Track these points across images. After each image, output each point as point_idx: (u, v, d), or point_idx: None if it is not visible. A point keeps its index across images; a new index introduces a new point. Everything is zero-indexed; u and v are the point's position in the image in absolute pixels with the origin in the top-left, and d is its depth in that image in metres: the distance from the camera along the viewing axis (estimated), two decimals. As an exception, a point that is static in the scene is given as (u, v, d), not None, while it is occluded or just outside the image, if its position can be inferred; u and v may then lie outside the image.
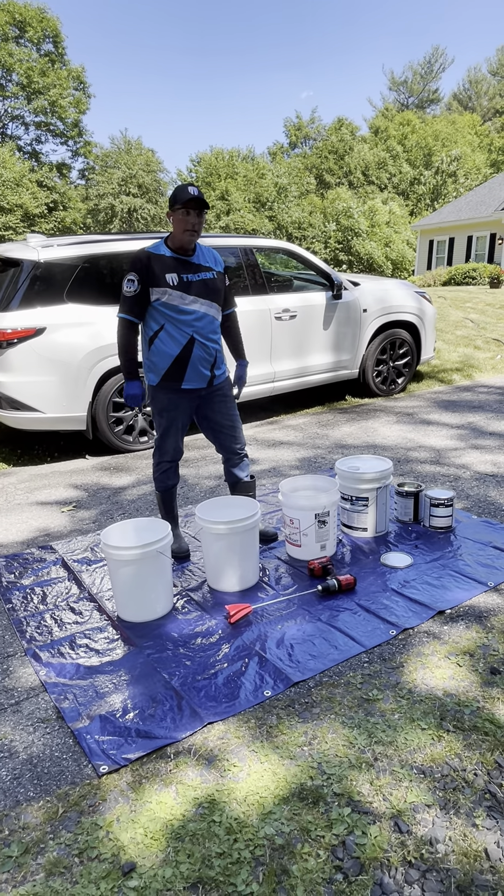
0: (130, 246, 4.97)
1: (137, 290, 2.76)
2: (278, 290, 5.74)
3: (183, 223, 2.70)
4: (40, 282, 4.62)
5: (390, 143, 42.93)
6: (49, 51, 35.16)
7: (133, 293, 2.77)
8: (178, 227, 2.73)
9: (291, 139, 50.13)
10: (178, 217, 2.69)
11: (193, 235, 2.74)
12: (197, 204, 2.67)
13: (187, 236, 2.73)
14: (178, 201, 2.67)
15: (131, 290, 2.77)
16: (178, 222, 2.71)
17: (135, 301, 2.78)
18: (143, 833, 1.62)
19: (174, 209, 2.70)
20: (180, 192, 2.68)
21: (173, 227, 2.75)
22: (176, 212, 2.69)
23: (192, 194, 2.65)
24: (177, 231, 2.74)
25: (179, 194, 2.68)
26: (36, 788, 1.79)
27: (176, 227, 2.73)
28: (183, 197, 2.66)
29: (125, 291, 2.79)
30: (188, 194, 2.66)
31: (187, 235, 2.73)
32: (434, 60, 50.74)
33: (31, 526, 3.72)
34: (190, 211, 2.67)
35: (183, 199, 2.65)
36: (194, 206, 2.67)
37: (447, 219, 26.79)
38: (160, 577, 2.60)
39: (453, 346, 8.81)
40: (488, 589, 2.71)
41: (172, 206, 2.70)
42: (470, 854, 1.52)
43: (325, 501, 2.96)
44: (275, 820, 1.63)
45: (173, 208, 2.70)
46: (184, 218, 2.69)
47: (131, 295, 2.78)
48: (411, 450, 4.73)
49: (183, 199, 2.65)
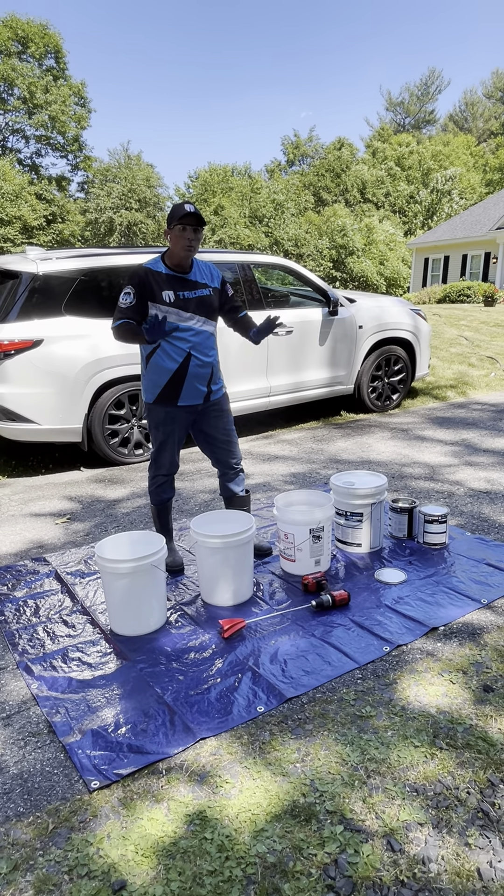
0: (129, 260, 5.01)
1: (134, 302, 2.78)
2: (275, 306, 5.78)
3: (180, 240, 2.73)
4: (38, 294, 4.65)
5: (388, 164, 43.46)
6: (51, 66, 35.57)
7: (129, 305, 2.78)
8: (175, 244, 2.75)
9: (289, 157, 50.72)
10: (176, 234, 2.72)
11: (190, 251, 2.76)
12: (194, 220, 2.70)
13: (184, 252, 2.76)
14: (176, 217, 2.70)
15: (127, 302, 2.79)
16: (176, 239, 2.74)
17: (131, 312, 2.79)
18: (134, 850, 1.60)
19: (171, 226, 2.72)
20: (178, 209, 2.71)
21: (171, 244, 2.78)
22: (173, 229, 2.72)
23: (189, 211, 2.69)
24: (174, 248, 2.77)
25: (177, 211, 2.71)
26: (26, 804, 1.77)
27: (173, 243, 2.76)
28: (180, 213, 2.69)
29: (121, 303, 2.80)
30: (185, 211, 2.69)
31: (184, 252, 2.75)
32: (430, 82, 51.59)
33: (25, 538, 3.71)
34: (187, 227, 2.70)
35: (180, 216, 2.68)
36: (192, 223, 2.70)
37: (442, 237, 27.08)
38: (154, 590, 2.60)
39: (448, 363, 8.87)
40: (482, 606, 2.71)
41: (170, 223, 2.73)
42: (462, 874, 1.51)
43: (319, 516, 2.96)
44: (267, 837, 1.62)
45: (170, 225, 2.73)
46: (181, 234, 2.71)
47: (127, 306, 2.79)
48: (406, 465, 4.75)
49: (180, 216, 2.68)
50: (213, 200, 37.89)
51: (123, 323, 2.80)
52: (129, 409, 5.03)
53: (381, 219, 37.95)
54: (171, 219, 2.73)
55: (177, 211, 2.71)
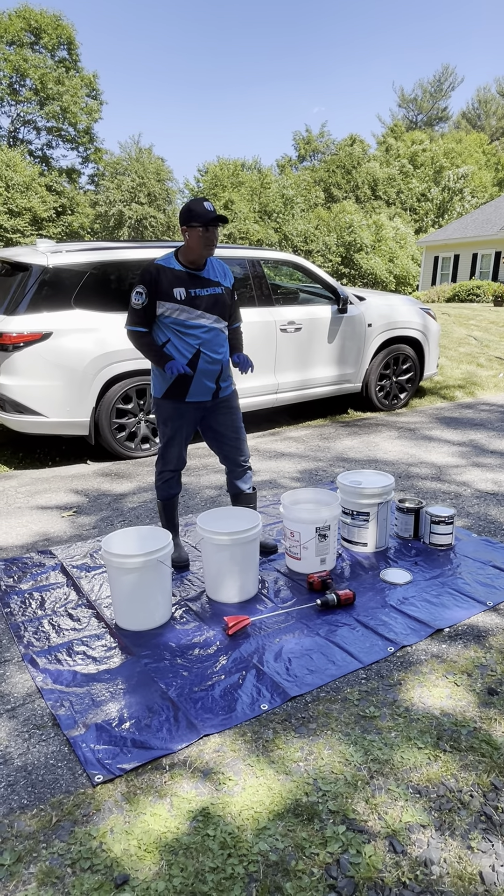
0: (139, 254, 5.00)
1: (145, 302, 2.77)
2: (284, 303, 5.76)
3: (202, 240, 2.71)
4: (48, 287, 4.65)
5: (401, 161, 43.20)
6: (63, 57, 35.49)
7: (141, 306, 2.78)
8: (195, 243, 2.73)
9: (300, 152, 50.49)
10: (197, 234, 2.69)
11: (211, 251, 2.76)
12: (219, 221, 2.68)
13: (206, 252, 2.75)
14: (199, 220, 2.66)
15: (139, 303, 2.78)
16: (196, 239, 2.71)
17: (143, 313, 2.80)
18: (137, 845, 1.61)
19: (191, 225, 2.69)
20: (199, 210, 2.67)
21: (189, 242, 2.74)
22: (195, 228, 2.69)
23: (213, 213, 2.67)
24: (194, 246, 2.74)
25: (198, 211, 2.67)
26: (30, 796, 1.78)
27: (193, 242, 2.73)
28: (205, 216, 2.66)
29: (133, 304, 2.80)
30: (210, 213, 2.66)
31: (206, 251, 2.75)
32: (444, 79, 51.23)
33: (31, 530, 3.72)
34: (210, 228, 2.68)
35: (205, 219, 2.65)
36: (216, 225, 2.69)
37: (453, 236, 26.94)
38: (160, 586, 2.60)
39: (456, 363, 8.84)
40: (487, 608, 2.71)
41: (188, 221, 2.69)
42: (465, 877, 1.51)
43: (326, 515, 2.96)
44: (269, 836, 1.63)
45: (190, 224, 2.69)
46: (203, 235, 2.69)
47: (139, 307, 2.79)
48: (412, 465, 4.74)
49: (205, 219, 2.65)
50: (223, 195, 37.78)
51: (139, 333, 2.82)
52: (136, 403, 5.03)
53: (391, 216, 37.76)
54: (190, 218, 2.68)
55: (198, 211, 2.67)
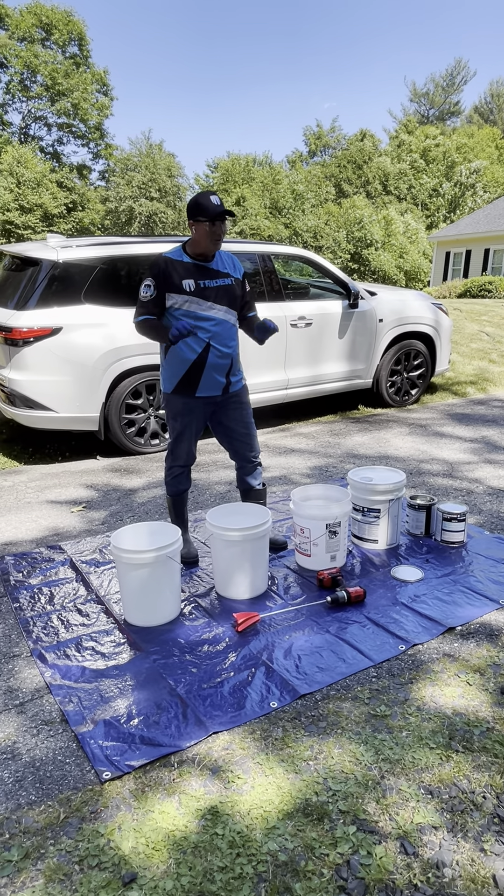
0: (149, 249, 4.98)
1: (154, 294, 2.76)
2: (294, 298, 5.72)
3: (209, 234, 2.70)
4: (58, 282, 4.64)
5: (413, 156, 42.87)
6: (74, 53, 35.49)
7: (149, 297, 2.78)
8: (202, 237, 2.72)
9: (311, 147, 50.24)
10: (204, 228, 2.69)
11: (218, 245, 2.76)
12: (225, 216, 2.68)
13: (213, 246, 2.74)
14: (205, 214, 2.65)
15: (148, 295, 2.78)
16: (203, 233, 2.70)
17: (152, 304, 2.79)
18: (145, 843, 1.59)
19: (198, 220, 2.68)
20: (207, 204, 2.66)
21: (196, 236, 2.74)
22: (201, 223, 2.68)
23: (220, 207, 2.66)
24: (201, 240, 2.73)
25: (206, 206, 2.66)
26: (38, 792, 1.77)
27: (199, 236, 2.72)
28: (212, 210, 2.65)
29: (142, 296, 2.79)
30: (217, 208, 2.66)
31: (213, 245, 2.74)
32: (456, 73, 50.72)
33: (41, 525, 3.72)
34: (217, 222, 2.67)
35: (212, 214, 2.64)
36: (222, 219, 2.68)
37: (464, 231, 26.71)
38: (169, 581, 2.59)
39: (468, 359, 8.75)
40: (500, 607, 2.67)
41: (195, 216, 2.69)
42: (477, 880, 1.48)
43: (336, 512, 2.93)
44: (279, 835, 1.61)
45: (197, 218, 2.68)
46: (211, 230, 2.68)
47: (147, 299, 2.78)
48: (424, 462, 4.70)
49: (212, 214, 2.64)
50: (235, 191, 37.68)
51: (145, 319, 2.80)
52: (146, 398, 5.01)
53: (402, 211, 37.48)
54: (197, 212, 2.68)
55: (205, 205, 2.66)
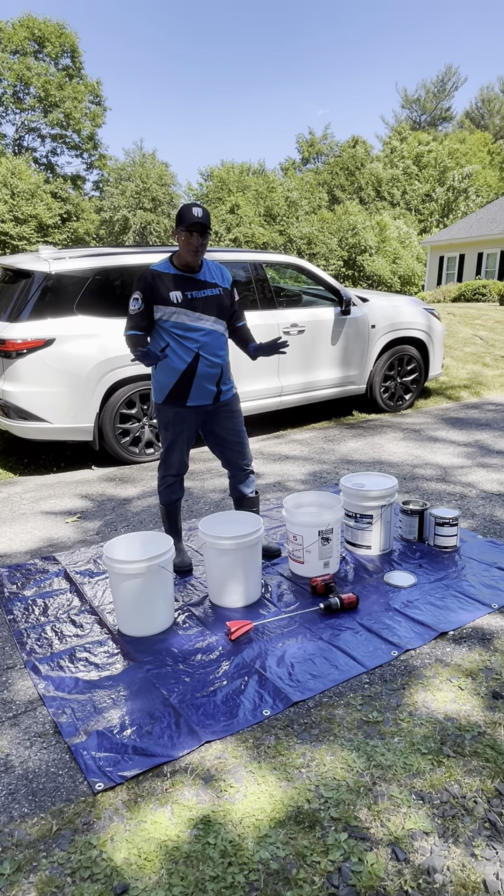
0: (141, 259, 5.01)
1: (142, 307, 2.80)
2: (287, 305, 5.76)
3: (188, 245, 2.73)
4: (51, 293, 4.66)
5: (405, 163, 43.13)
6: (66, 65, 35.69)
7: (137, 311, 2.81)
8: (182, 247, 2.76)
9: (304, 155, 50.49)
10: (183, 238, 2.72)
11: (197, 256, 2.78)
12: (201, 228, 2.69)
13: (191, 257, 2.77)
14: (183, 222, 2.68)
15: (136, 308, 2.81)
16: (183, 243, 2.74)
17: (140, 317, 2.82)
18: (137, 854, 1.60)
19: (179, 229, 2.71)
20: (186, 214, 2.69)
21: (179, 246, 2.78)
22: (181, 232, 2.71)
23: (196, 217, 2.67)
24: (181, 250, 2.77)
25: (185, 215, 2.69)
26: (31, 804, 1.77)
27: (181, 246, 2.76)
28: (188, 219, 2.67)
29: (130, 309, 2.83)
30: (193, 217, 2.67)
31: (192, 256, 2.77)
32: (447, 79, 51.10)
33: (36, 536, 3.72)
34: (194, 233, 2.69)
35: (188, 222, 2.67)
36: (198, 230, 2.70)
37: (457, 235, 26.84)
38: (161, 591, 2.60)
39: (462, 363, 8.79)
40: (492, 611, 2.68)
41: (177, 225, 2.72)
42: (468, 885, 1.49)
43: (329, 518, 2.94)
44: (270, 843, 1.61)
45: (178, 228, 2.72)
46: (188, 240, 2.71)
47: (136, 312, 2.81)
48: (417, 467, 4.71)
49: (188, 222, 2.67)
50: (229, 199, 37.86)
51: (132, 335, 2.84)
52: (140, 408, 5.03)
53: (395, 217, 37.67)
54: (178, 220, 2.72)
55: (185, 215, 2.69)
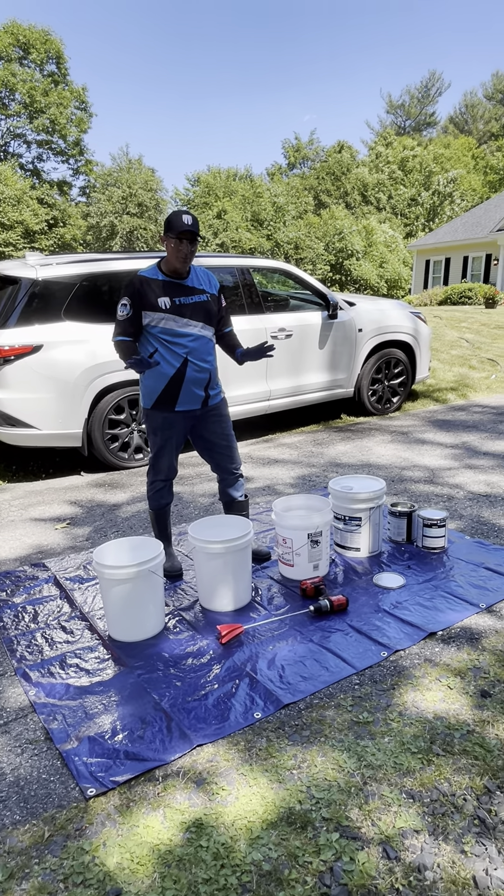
0: (129, 265, 5.02)
1: (130, 313, 2.80)
2: (275, 310, 5.79)
3: (176, 252, 2.73)
4: (38, 299, 4.66)
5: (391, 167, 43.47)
6: (52, 71, 35.68)
7: (126, 316, 2.81)
8: (170, 254, 2.76)
9: (290, 160, 50.76)
10: (172, 245, 2.73)
11: (186, 263, 2.79)
12: (190, 235, 2.70)
13: (180, 264, 2.78)
14: (172, 230, 2.69)
15: (124, 314, 2.81)
16: (172, 250, 2.74)
17: (128, 323, 2.82)
18: (130, 858, 1.60)
19: (167, 236, 2.72)
20: (175, 221, 2.69)
21: (167, 252, 2.79)
22: (170, 239, 2.72)
23: (186, 224, 2.68)
24: (170, 257, 2.78)
25: (174, 222, 2.69)
26: (22, 811, 1.77)
27: (169, 253, 2.77)
28: (177, 227, 2.68)
29: (119, 315, 2.83)
30: (182, 225, 2.68)
31: (180, 263, 2.77)
32: (431, 85, 51.63)
33: (25, 543, 3.71)
34: (183, 240, 2.70)
35: (177, 230, 2.68)
36: (188, 237, 2.70)
37: (443, 239, 27.07)
38: (152, 596, 2.60)
39: (448, 366, 8.86)
40: (480, 610, 2.71)
41: (166, 231, 2.73)
42: (458, 882, 1.50)
43: (318, 521, 2.96)
44: (262, 845, 1.62)
45: (167, 235, 2.72)
46: (177, 246, 2.72)
47: (124, 318, 2.82)
48: (405, 469, 4.75)
49: (177, 230, 2.68)
50: (216, 204, 37.96)
51: (121, 340, 2.84)
52: (128, 413, 5.03)
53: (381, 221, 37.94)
54: (167, 227, 2.72)
55: (174, 222, 2.69)
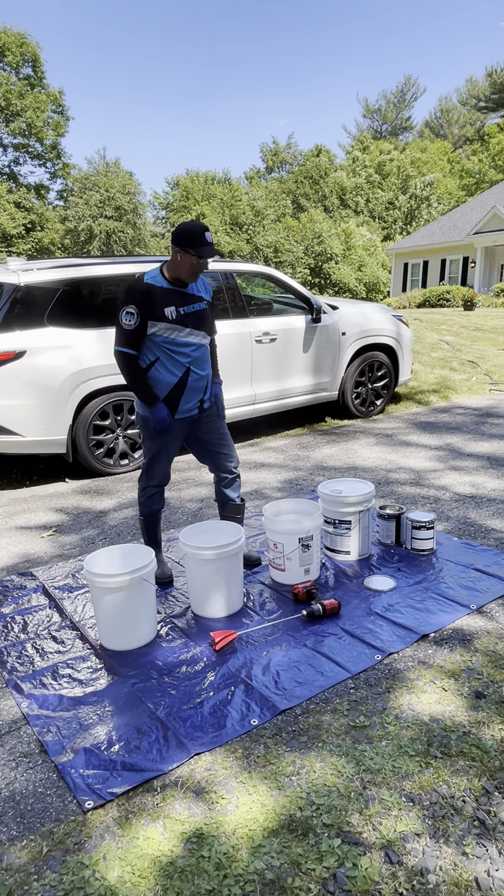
0: (111, 270, 4.99)
1: (137, 322, 2.71)
2: (258, 314, 5.79)
3: (192, 267, 2.70)
4: (20, 305, 4.61)
5: (368, 171, 43.85)
6: (28, 74, 35.38)
7: (132, 326, 2.71)
8: (184, 268, 2.71)
9: (268, 164, 50.95)
10: (190, 260, 2.68)
11: (196, 278, 2.78)
12: (212, 255, 2.69)
13: (190, 279, 2.76)
14: (194, 247, 2.63)
15: (131, 324, 2.71)
16: (187, 265, 2.69)
17: (135, 334, 2.73)
18: (131, 871, 1.58)
19: (185, 249, 2.65)
20: (198, 238, 2.63)
21: (178, 263, 2.71)
22: (188, 254, 2.66)
23: (211, 246, 2.66)
24: (181, 270, 2.72)
25: (197, 240, 2.63)
26: (19, 827, 1.74)
27: (182, 265, 2.71)
28: (201, 246, 2.64)
29: (125, 324, 2.73)
30: (210, 247, 2.65)
31: (191, 278, 2.76)
32: (406, 90, 52.23)
33: (11, 552, 3.66)
34: (204, 259, 2.68)
35: (201, 249, 2.64)
36: (210, 256, 2.68)
37: (421, 242, 27.37)
38: (144, 604, 2.58)
39: (430, 368, 8.95)
40: (471, 612, 2.73)
41: (183, 244, 2.65)
42: (461, 884, 1.51)
43: (308, 525, 2.97)
44: (265, 853, 1.61)
45: (184, 247, 2.65)
46: (195, 263, 2.68)
47: (131, 329, 2.72)
48: (391, 471, 4.78)
49: (201, 249, 2.64)
50: (195, 208, 37.95)
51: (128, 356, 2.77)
52: (113, 419, 5.00)
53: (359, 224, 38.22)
54: (187, 241, 2.64)
55: (197, 239, 2.64)
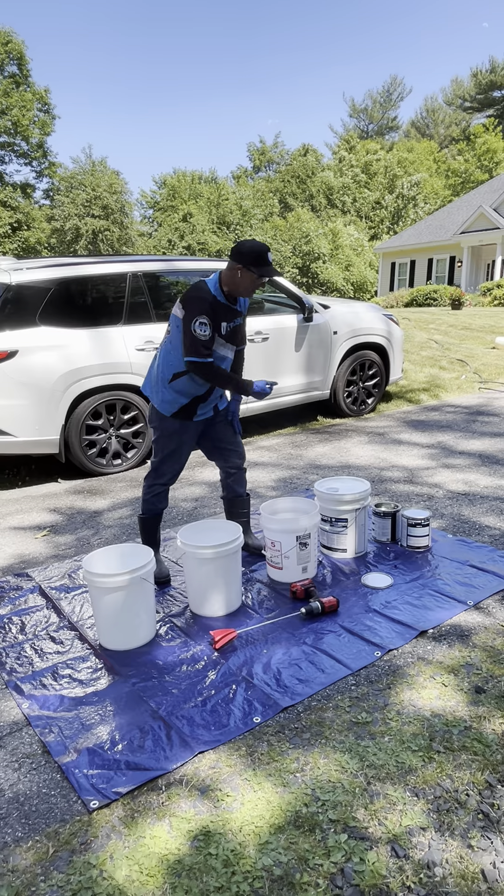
0: (103, 269, 4.97)
1: (210, 333, 2.75)
2: (250, 313, 5.79)
3: (251, 285, 2.76)
4: (11, 305, 4.58)
5: (355, 171, 44.02)
6: (13, 73, 35.10)
7: (207, 337, 2.74)
8: (242, 285, 2.77)
9: (255, 163, 50.97)
10: (251, 278, 2.73)
11: (250, 295, 2.86)
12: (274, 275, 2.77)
13: (246, 295, 2.84)
14: (258, 268, 2.69)
15: (206, 334, 2.73)
16: (247, 282, 2.75)
17: (209, 344, 2.76)
18: (139, 870, 1.58)
19: (249, 269, 2.70)
20: (261, 257, 2.70)
21: (238, 280, 2.75)
22: (250, 273, 2.71)
23: (271, 264, 2.74)
24: (239, 286, 2.77)
25: (262, 261, 2.70)
26: (24, 828, 1.73)
27: (241, 282, 2.75)
28: (265, 267, 2.71)
29: (201, 335, 2.72)
30: (272, 269, 2.74)
31: (247, 295, 2.83)
32: (393, 89, 52.47)
33: (6, 553, 3.64)
34: (263, 279, 2.75)
35: (264, 270, 2.71)
36: (270, 276, 2.75)
37: (408, 242, 27.50)
38: (143, 603, 2.58)
39: (420, 367, 9.00)
40: (468, 608, 2.75)
41: (246, 262, 2.69)
42: (468, 876, 1.53)
43: (306, 524, 2.98)
44: (272, 850, 1.62)
45: (246, 265, 2.69)
46: (255, 281, 2.74)
47: (208, 338, 2.74)
48: (385, 469, 4.80)
49: (264, 270, 2.71)
50: (182, 207, 37.86)
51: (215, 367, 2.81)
52: (106, 418, 4.98)
53: (346, 223, 38.36)
54: (252, 261, 2.70)
55: (263, 261, 2.70)
